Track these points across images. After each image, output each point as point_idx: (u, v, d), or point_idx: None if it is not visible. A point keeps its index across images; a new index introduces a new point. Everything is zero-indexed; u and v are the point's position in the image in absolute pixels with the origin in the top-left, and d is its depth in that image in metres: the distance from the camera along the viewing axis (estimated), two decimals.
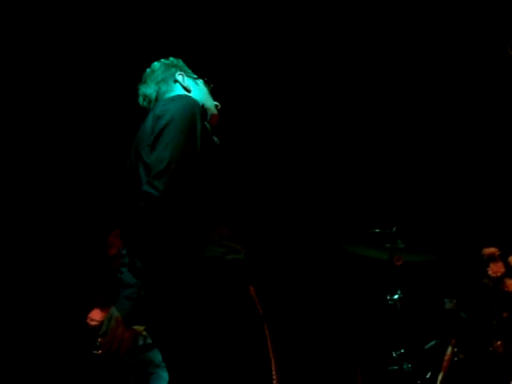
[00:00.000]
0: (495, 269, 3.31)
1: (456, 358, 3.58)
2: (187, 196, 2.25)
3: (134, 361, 3.82)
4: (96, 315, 4.01)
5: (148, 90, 2.71)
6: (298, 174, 4.91)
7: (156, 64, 2.76)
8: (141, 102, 2.75)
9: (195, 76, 2.78)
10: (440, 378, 3.57)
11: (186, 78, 2.72)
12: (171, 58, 2.78)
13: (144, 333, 2.33)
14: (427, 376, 3.72)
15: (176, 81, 2.70)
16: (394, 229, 3.91)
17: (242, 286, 2.35)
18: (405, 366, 3.72)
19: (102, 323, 3.88)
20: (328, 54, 4.79)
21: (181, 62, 2.78)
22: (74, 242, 4.78)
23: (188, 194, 2.26)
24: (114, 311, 2.23)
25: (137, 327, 2.26)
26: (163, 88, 2.69)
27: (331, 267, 4.78)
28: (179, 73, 2.71)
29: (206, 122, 2.50)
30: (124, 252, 2.50)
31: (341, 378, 4.59)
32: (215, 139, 2.55)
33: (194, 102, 2.43)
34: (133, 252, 2.28)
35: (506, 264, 3.31)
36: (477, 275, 3.44)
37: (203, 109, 2.54)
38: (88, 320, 4.02)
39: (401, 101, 4.77)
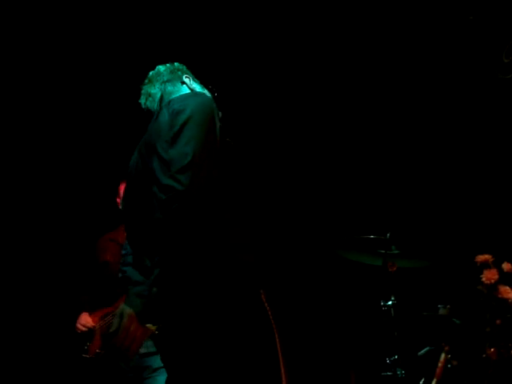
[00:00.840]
0: (489, 275, 3.31)
1: (449, 365, 3.58)
2: (209, 191, 2.27)
3: (128, 366, 3.79)
4: (87, 320, 3.98)
5: (153, 89, 2.73)
6: (293, 180, 4.91)
7: (161, 67, 2.79)
8: (143, 102, 2.77)
9: (198, 81, 2.81)
10: None
11: (192, 81, 2.75)
12: (176, 63, 2.81)
13: (156, 332, 2.29)
14: (420, 382, 3.71)
15: (183, 83, 2.72)
16: (388, 235, 3.91)
17: (255, 289, 2.35)
18: (398, 372, 3.72)
19: (91, 328, 3.88)
20: (326, 58, 4.80)
21: (185, 68, 2.82)
22: (57, 246, 4.76)
23: (210, 189, 2.28)
24: (126, 308, 2.20)
25: (149, 326, 2.23)
26: (169, 88, 2.71)
27: (325, 273, 4.78)
28: (186, 75, 2.75)
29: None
30: (124, 252, 2.49)
31: (335, 383, 4.58)
32: (228, 139, 2.57)
33: (211, 99, 2.47)
34: (141, 250, 2.26)
35: (500, 271, 3.32)
36: (470, 282, 3.44)
37: None
38: (79, 325, 3.98)
39: (393, 109, 4.78)
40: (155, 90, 2.72)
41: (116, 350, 2.21)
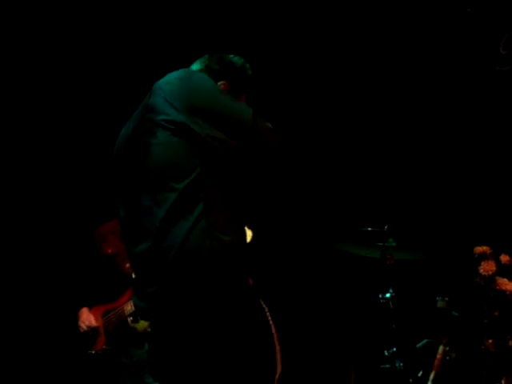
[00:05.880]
0: (487, 267, 3.31)
1: (448, 357, 3.59)
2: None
3: (132, 361, 3.80)
4: (90, 320, 3.96)
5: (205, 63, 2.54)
6: (291, 173, 4.91)
7: (240, 61, 2.61)
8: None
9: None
10: (432, 376, 3.58)
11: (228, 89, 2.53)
12: (248, 72, 2.64)
13: (148, 329, 2.28)
14: (419, 375, 3.72)
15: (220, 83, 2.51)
16: (386, 227, 3.91)
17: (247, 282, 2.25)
18: (397, 365, 3.73)
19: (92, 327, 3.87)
20: (321, 59, 4.79)
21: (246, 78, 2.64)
22: (55, 240, 4.75)
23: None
24: None
25: (142, 323, 2.22)
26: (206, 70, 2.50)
27: (323, 265, 4.78)
28: (225, 85, 2.54)
29: None
30: None
31: (334, 376, 4.59)
32: None
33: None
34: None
35: (498, 262, 3.32)
36: (468, 274, 3.44)
37: None
38: (82, 325, 3.96)
39: (390, 101, 4.77)
40: (201, 66, 2.53)
41: None
